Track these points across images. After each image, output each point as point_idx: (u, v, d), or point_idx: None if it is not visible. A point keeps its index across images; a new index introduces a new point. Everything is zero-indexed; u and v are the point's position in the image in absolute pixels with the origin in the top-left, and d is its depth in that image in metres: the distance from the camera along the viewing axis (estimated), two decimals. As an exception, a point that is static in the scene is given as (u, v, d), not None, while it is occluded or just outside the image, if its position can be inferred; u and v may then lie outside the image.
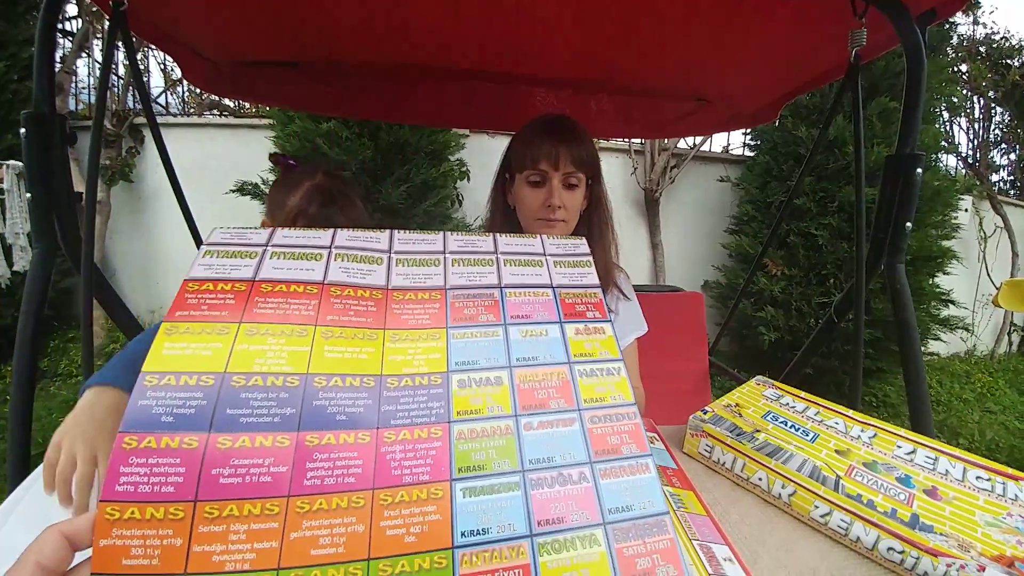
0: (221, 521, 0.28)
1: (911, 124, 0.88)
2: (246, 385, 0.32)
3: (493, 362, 0.38)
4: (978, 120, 4.31)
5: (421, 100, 1.26)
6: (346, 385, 0.34)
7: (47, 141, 0.78)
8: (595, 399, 0.37)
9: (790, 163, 2.80)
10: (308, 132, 2.18)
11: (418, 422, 0.34)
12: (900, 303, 0.94)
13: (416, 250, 0.44)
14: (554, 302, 0.43)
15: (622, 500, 0.33)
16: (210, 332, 0.34)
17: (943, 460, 0.55)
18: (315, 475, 0.30)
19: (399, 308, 0.39)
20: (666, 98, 1.25)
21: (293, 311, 0.36)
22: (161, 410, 0.30)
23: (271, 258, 0.40)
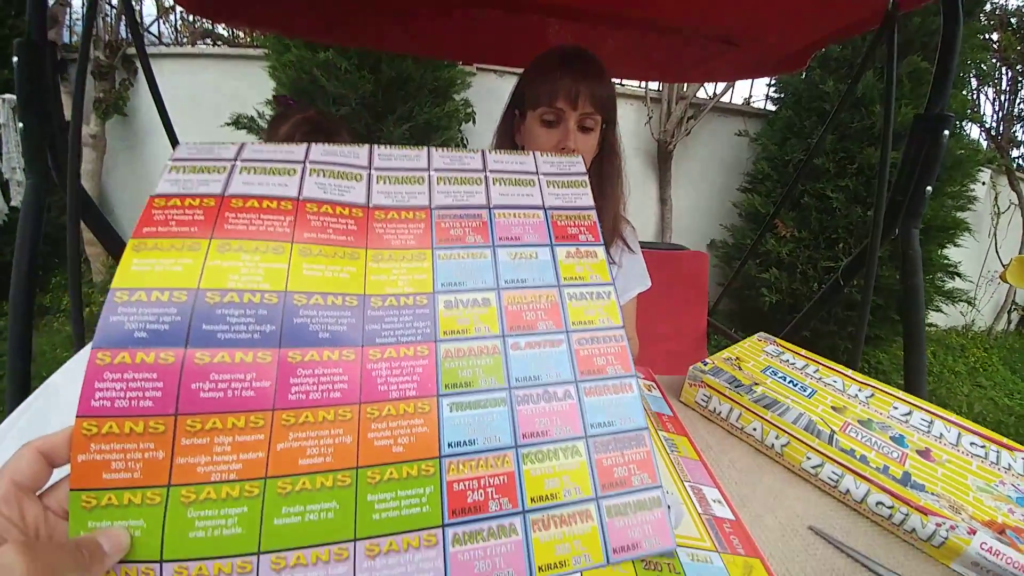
0: (204, 434, 0.28)
1: (943, 83, 0.85)
2: (221, 302, 0.31)
3: (480, 284, 0.37)
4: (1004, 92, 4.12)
5: (422, 27, 1.18)
6: (327, 304, 0.33)
7: (38, 69, 0.78)
8: (583, 322, 0.37)
9: (813, 119, 2.68)
10: (304, 62, 2.07)
11: (404, 340, 0.33)
12: (910, 268, 0.92)
13: (398, 166, 0.41)
14: (545, 224, 0.41)
15: (604, 416, 0.34)
16: (180, 248, 0.32)
17: (938, 424, 0.55)
18: (299, 390, 0.30)
19: (381, 228, 0.37)
20: (691, 37, 1.16)
21: (267, 228, 0.34)
22: (134, 326, 0.29)
23: (241, 173, 0.37)
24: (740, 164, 3.29)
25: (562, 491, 0.32)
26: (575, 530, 0.32)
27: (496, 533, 0.31)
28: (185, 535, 0.27)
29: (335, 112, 2.08)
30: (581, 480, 0.32)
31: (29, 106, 0.78)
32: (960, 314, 3.93)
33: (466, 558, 0.30)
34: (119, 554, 0.25)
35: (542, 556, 0.31)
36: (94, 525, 0.26)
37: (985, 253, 4.00)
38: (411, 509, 0.30)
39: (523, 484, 0.32)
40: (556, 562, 0.31)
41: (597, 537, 0.32)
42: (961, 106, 2.64)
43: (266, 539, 0.27)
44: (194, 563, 0.26)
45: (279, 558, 0.27)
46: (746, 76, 1.42)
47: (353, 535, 0.29)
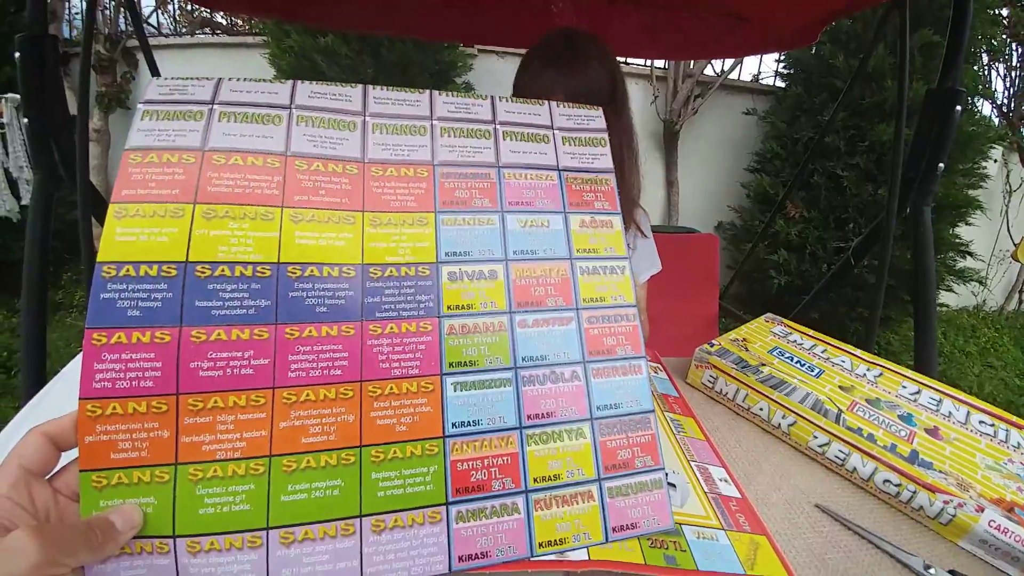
0: (207, 413, 0.28)
1: (955, 57, 0.82)
2: (212, 275, 0.30)
3: (487, 254, 0.35)
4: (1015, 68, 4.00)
5: (420, 9, 1.16)
6: (323, 275, 0.31)
7: (41, 63, 0.78)
8: (595, 299, 0.35)
9: (823, 95, 2.61)
10: (305, 48, 2.06)
11: (405, 315, 0.32)
12: (922, 247, 0.91)
13: (397, 113, 0.37)
14: (559, 188, 0.38)
15: (611, 398, 0.34)
16: (163, 215, 0.30)
17: (947, 402, 0.54)
18: (299, 367, 0.30)
19: (379, 186, 0.34)
20: (700, 14, 1.13)
21: (254, 188, 0.32)
22: (126, 304, 0.28)
23: (220, 120, 0.34)
24: (748, 143, 3.23)
25: (565, 472, 0.32)
26: (576, 509, 0.32)
27: (499, 511, 0.31)
28: (195, 511, 0.27)
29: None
30: (584, 462, 0.33)
31: (33, 101, 0.79)
32: (971, 294, 3.88)
33: (469, 534, 0.30)
34: (132, 531, 0.26)
35: (543, 533, 0.31)
36: (106, 504, 0.26)
37: (996, 232, 3.93)
38: (415, 487, 0.30)
39: (526, 465, 0.32)
40: (556, 539, 0.31)
41: (597, 516, 0.32)
42: (972, 82, 2.57)
43: (274, 515, 0.28)
44: (206, 538, 0.27)
45: (287, 532, 0.28)
46: (756, 52, 1.39)
47: (359, 511, 0.29)
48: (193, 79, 0.35)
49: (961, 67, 0.84)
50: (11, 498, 0.24)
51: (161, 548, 0.27)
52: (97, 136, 2.96)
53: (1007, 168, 3.83)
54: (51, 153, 0.81)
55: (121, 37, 2.95)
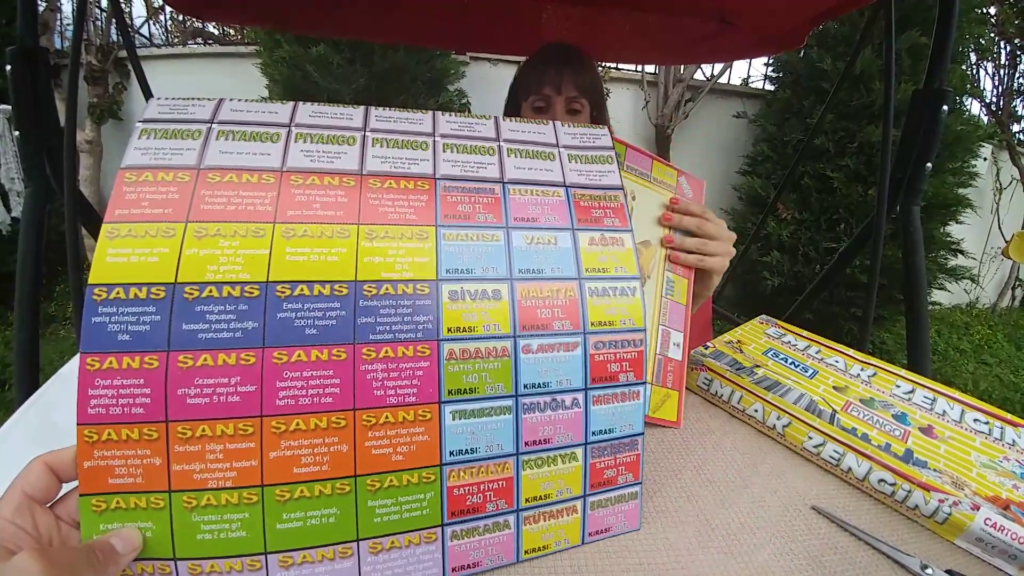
0: (196, 441, 0.27)
1: (941, 57, 0.84)
2: (200, 296, 0.28)
3: (491, 272, 0.32)
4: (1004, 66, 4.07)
5: (410, 15, 1.16)
6: (314, 294, 0.29)
7: (32, 76, 0.77)
8: (604, 322, 0.33)
9: (812, 98, 2.65)
10: (297, 58, 2.06)
11: (401, 338, 0.30)
12: (912, 247, 0.92)
13: (398, 129, 0.36)
14: (567, 204, 0.36)
15: (607, 424, 0.34)
16: (155, 235, 0.29)
17: (941, 401, 0.55)
18: (287, 394, 0.28)
19: (376, 199, 0.32)
20: (686, 18, 1.14)
21: (247, 205, 0.30)
22: (116, 328, 0.27)
23: (218, 139, 0.33)
24: (739, 146, 3.26)
25: (555, 492, 0.33)
26: (561, 522, 0.33)
27: (491, 528, 0.32)
28: (193, 537, 0.27)
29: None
30: (573, 482, 0.33)
31: (25, 114, 0.78)
32: (964, 291, 3.91)
33: (462, 550, 0.31)
34: (133, 553, 0.26)
35: (529, 543, 0.33)
36: (106, 528, 0.26)
37: (988, 229, 3.97)
38: (411, 512, 0.30)
39: (520, 487, 0.32)
40: (540, 546, 0.33)
41: (578, 526, 0.34)
42: (960, 81, 2.61)
43: (271, 541, 0.28)
44: (206, 561, 0.27)
45: (286, 556, 0.28)
46: (744, 56, 1.40)
47: (356, 536, 0.29)
48: (194, 99, 0.35)
49: (947, 67, 0.86)
50: (15, 523, 0.25)
51: (163, 570, 0.27)
52: (89, 147, 2.95)
53: (997, 166, 3.88)
54: (43, 165, 0.80)
55: (113, 48, 2.95)
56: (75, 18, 0.92)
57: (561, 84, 0.81)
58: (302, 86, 2.10)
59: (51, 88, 0.82)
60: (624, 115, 3.27)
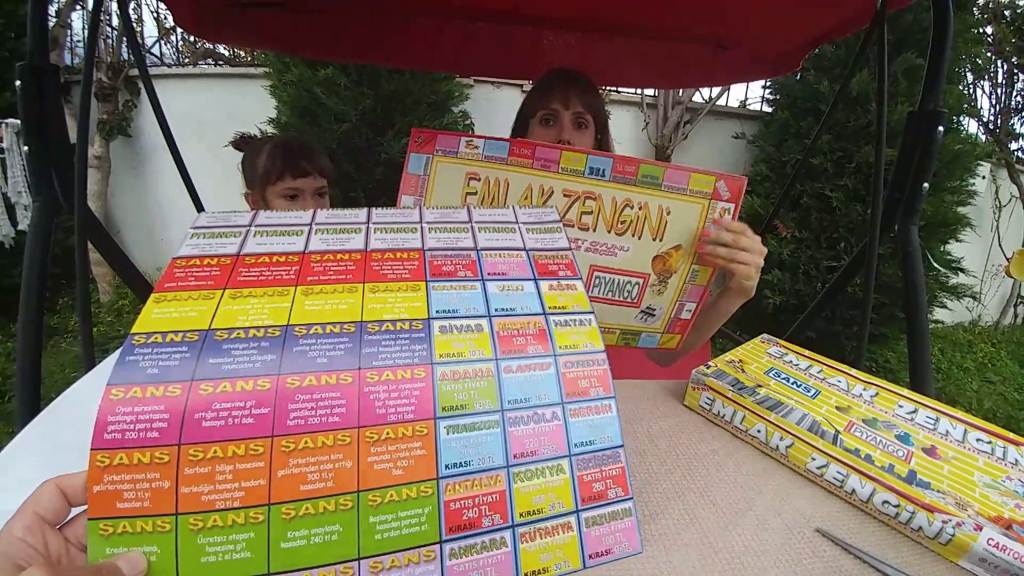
0: (206, 463, 0.29)
1: (935, 79, 0.85)
2: (228, 338, 0.33)
3: (473, 312, 0.39)
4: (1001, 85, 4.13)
5: (416, 41, 1.20)
6: (326, 332, 0.35)
7: (42, 92, 0.78)
8: (569, 346, 0.39)
9: (809, 120, 2.69)
10: (305, 80, 2.10)
11: (400, 363, 0.34)
12: (910, 266, 0.92)
13: (394, 220, 0.46)
14: (528, 263, 0.45)
15: (586, 436, 0.37)
16: (196, 298, 0.35)
17: (944, 421, 0.55)
18: (298, 415, 0.31)
19: (378, 265, 0.41)
20: (684, 43, 1.18)
21: (275, 276, 0.38)
22: (147, 364, 0.31)
23: (255, 236, 0.42)
24: (738, 166, 3.30)
25: (547, 506, 0.34)
26: (557, 540, 0.34)
27: (488, 546, 0.33)
28: (197, 560, 0.28)
29: (336, 129, 2.11)
30: (564, 495, 0.35)
31: (33, 129, 0.79)
32: (966, 309, 3.91)
33: (462, 570, 0.32)
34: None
35: (528, 564, 0.33)
36: (111, 552, 0.27)
37: (988, 247, 3.98)
38: (411, 528, 0.31)
39: (513, 501, 0.33)
40: (540, 569, 0.33)
41: (576, 545, 0.34)
42: (957, 101, 2.65)
43: (275, 562, 0.29)
44: None
45: None
46: (741, 79, 1.44)
47: (357, 554, 0.30)
48: (236, 212, 0.45)
49: (941, 89, 0.87)
50: (26, 541, 0.26)
51: None
52: (98, 163, 3.00)
53: (996, 184, 3.91)
54: (51, 180, 0.81)
55: (123, 66, 3.01)
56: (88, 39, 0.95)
57: (569, 100, 0.85)
58: (310, 107, 2.14)
59: (60, 104, 0.83)
60: (624, 136, 3.32)
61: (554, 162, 0.66)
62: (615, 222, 0.67)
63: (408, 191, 0.67)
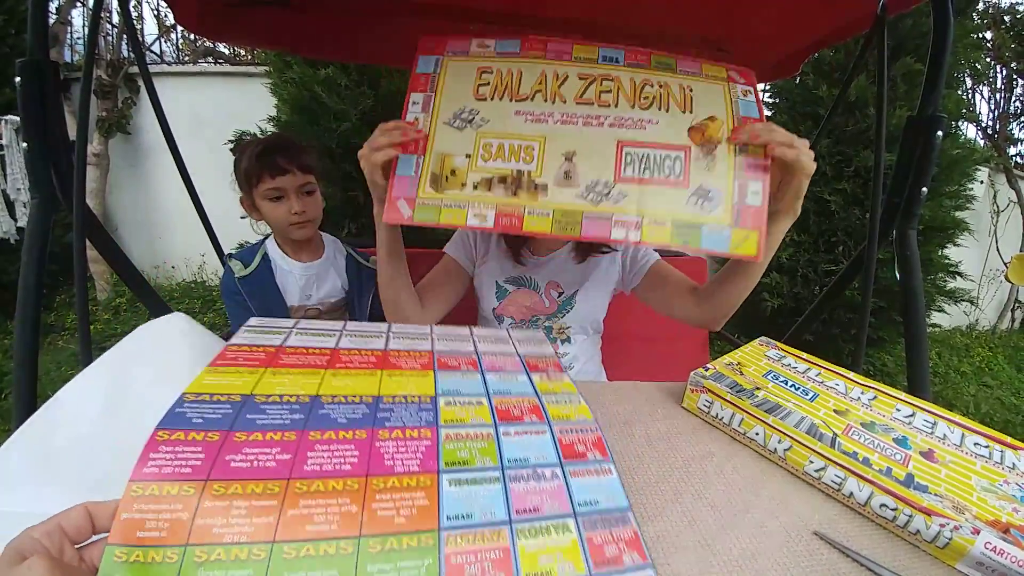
0: (226, 498, 0.31)
1: (935, 84, 0.86)
2: (266, 401, 0.39)
3: (474, 391, 0.46)
4: (1000, 90, 4.15)
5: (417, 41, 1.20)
6: (348, 401, 0.41)
7: (41, 88, 0.77)
8: (562, 417, 0.44)
9: (808, 124, 2.70)
10: (306, 79, 2.10)
11: (409, 425, 0.39)
12: (908, 270, 0.92)
13: (408, 331, 0.57)
14: (521, 363, 0.54)
15: (589, 495, 0.37)
16: (242, 373, 0.43)
17: (942, 425, 0.55)
18: (315, 462, 0.34)
19: (395, 359, 0.50)
20: (682, 46, 1.18)
21: (309, 363, 0.46)
22: (193, 415, 0.36)
23: (296, 335, 0.52)
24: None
25: (556, 568, 0.32)
26: None
27: None
28: None
29: (336, 128, 2.11)
30: (573, 557, 0.33)
31: (32, 126, 0.78)
32: (964, 314, 3.92)
33: None
34: None
35: None
36: None
37: (986, 252, 4.00)
38: None
39: (518, 559, 0.32)
40: None
41: None
42: (956, 106, 2.66)
43: None
44: None
45: None
46: (740, 83, 1.44)
47: None
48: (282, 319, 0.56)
49: (940, 95, 0.87)
50: (40, 541, 0.27)
51: None
52: (96, 160, 2.99)
53: (994, 189, 3.93)
54: (49, 178, 0.81)
55: (123, 63, 3.01)
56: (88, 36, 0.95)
57: None
58: (310, 106, 2.14)
59: (60, 101, 0.82)
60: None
61: (567, 52, 0.66)
62: (637, 98, 0.63)
63: (417, 88, 0.65)
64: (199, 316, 3.02)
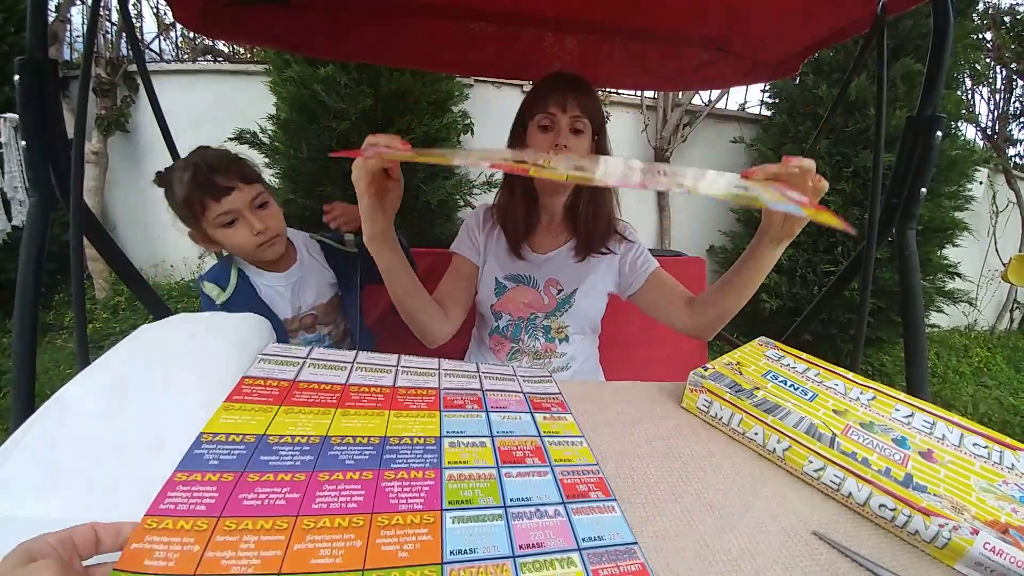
0: (236, 533, 0.32)
1: (934, 84, 0.86)
2: (278, 442, 0.41)
3: (478, 433, 0.48)
4: (999, 91, 4.15)
5: (417, 41, 1.20)
6: (356, 442, 0.43)
7: (40, 87, 0.77)
8: (563, 459, 0.45)
9: (807, 124, 2.70)
10: (305, 78, 2.10)
11: (415, 466, 0.41)
12: (907, 270, 0.93)
13: (417, 366, 0.59)
14: (525, 400, 0.56)
15: (593, 531, 0.37)
16: (257, 410, 0.45)
17: (940, 425, 0.55)
18: (323, 501, 0.36)
19: (402, 398, 0.51)
20: (683, 46, 1.18)
21: (320, 400, 0.48)
22: (210, 457, 0.38)
23: (308, 367, 0.54)
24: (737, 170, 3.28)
25: None
26: None
27: None
28: None
29: (336, 127, 2.11)
30: None
31: (31, 124, 0.78)
32: (962, 314, 3.92)
33: None
34: None
35: None
36: None
37: (985, 252, 4.00)
38: None
39: None
40: None
41: None
42: (955, 106, 2.66)
43: None
44: None
45: None
46: (740, 83, 1.44)
47: None
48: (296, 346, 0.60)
49: (940, 95, 0.87)
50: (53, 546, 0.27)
51: None
52: (95, 158, 2.98)
53: (993, 189, 3.93)
54: (48, 176, 0.80)
55: (122, 61, 3.00)
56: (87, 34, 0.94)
57: (566, 104, 0.83)
58: (310, 105, 2.14)
59: (59, 99, 0.82)
60: (623, 138, 3.32)
61: None
62: None
63: None
64: (198, 315, 3.01)
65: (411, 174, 2.27)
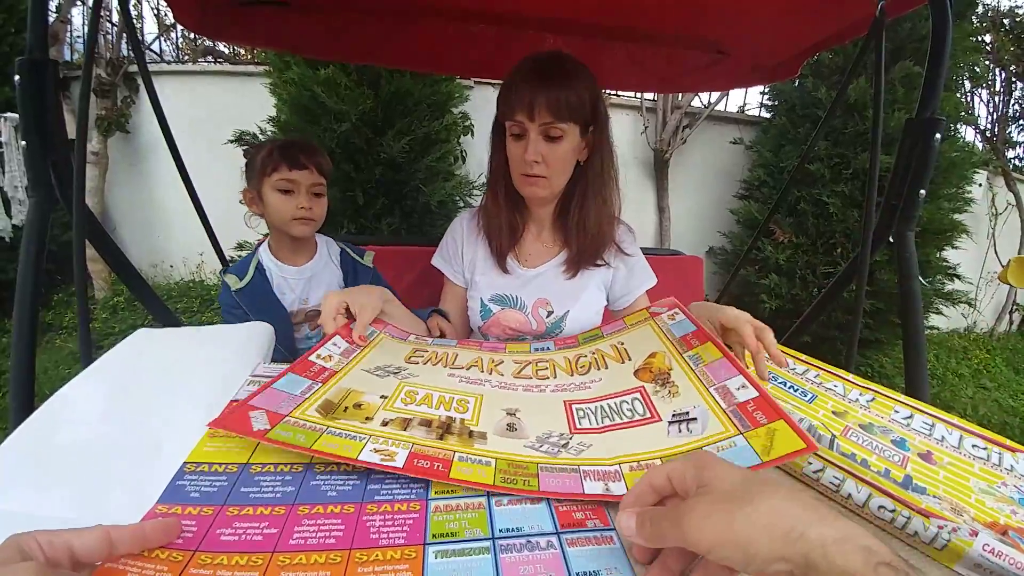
0: (211, 568, 0.31)
1: (933, 86, 0.86)
2: (260, 472, 0.40)
3: None
4: (998, 93, 4.16)
5: (417, 42, 1.20)
6: (340, 470, 0.41)
7: (41, 87, 0.77)
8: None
9: (807, 126, 2.71)
10: (306, 79, 2.10)
11: (399, 498, 0.39)
12: (906, 272, 0.93)
13: None
14: None
15: (589, 566, 0.34)
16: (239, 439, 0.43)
17: (940, 426, 0.55)
18: (300, 536, 0.34)
19: None
20: (683, 48, 1.18)
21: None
22: (191, 489, 0.38)
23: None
24: (736, 171, 3.32)
25: None
26: None
27: None
28: None
29: (336, 129, 2.11)
30: None
31: (31, 124, 0.78)
32: (962, 316, 3.93)
33: None
34: None
35: None
36: None
37: (984, 254, 4.01)
38: None
39: None
40: None
41: None
42: (954, 109, 2.67)
43: None
44: None
45: None
46: (739, 85, 1.44)
47: None
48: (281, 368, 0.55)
49: (939, 97, 0.87)
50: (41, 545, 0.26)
51: None
52: (95, 159, 2.99)
53: (992, 192, 3.94)
54: (48, 176, 0.80)
55: (122, 62, 3.00)
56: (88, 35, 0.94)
57: (534, 111, 0.74)
58: (310, 107, 2.14)
59: (59, 99, 0.82)
60: (623, 140, 3.33)
61: (500, 347, 0.70)
62: (574, 368, 0.62)
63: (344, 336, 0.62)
64: (197, 315, 3.02)
65: (411, 174, 2.27)
